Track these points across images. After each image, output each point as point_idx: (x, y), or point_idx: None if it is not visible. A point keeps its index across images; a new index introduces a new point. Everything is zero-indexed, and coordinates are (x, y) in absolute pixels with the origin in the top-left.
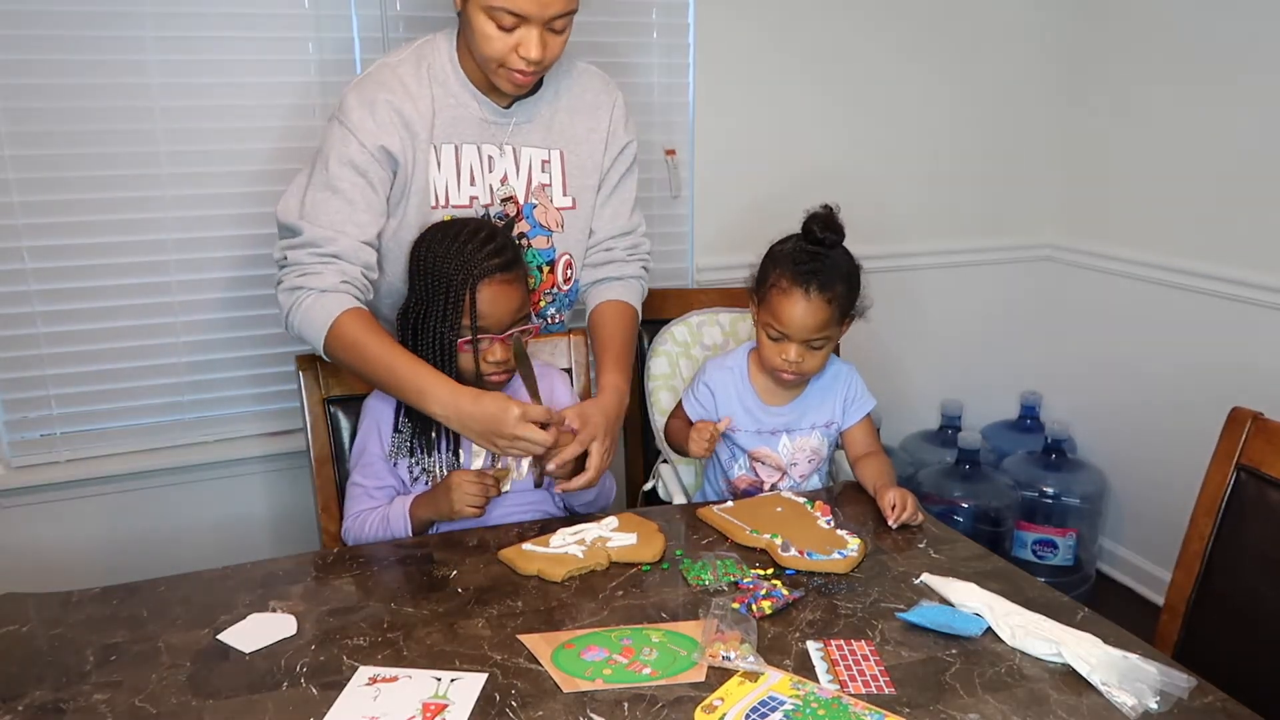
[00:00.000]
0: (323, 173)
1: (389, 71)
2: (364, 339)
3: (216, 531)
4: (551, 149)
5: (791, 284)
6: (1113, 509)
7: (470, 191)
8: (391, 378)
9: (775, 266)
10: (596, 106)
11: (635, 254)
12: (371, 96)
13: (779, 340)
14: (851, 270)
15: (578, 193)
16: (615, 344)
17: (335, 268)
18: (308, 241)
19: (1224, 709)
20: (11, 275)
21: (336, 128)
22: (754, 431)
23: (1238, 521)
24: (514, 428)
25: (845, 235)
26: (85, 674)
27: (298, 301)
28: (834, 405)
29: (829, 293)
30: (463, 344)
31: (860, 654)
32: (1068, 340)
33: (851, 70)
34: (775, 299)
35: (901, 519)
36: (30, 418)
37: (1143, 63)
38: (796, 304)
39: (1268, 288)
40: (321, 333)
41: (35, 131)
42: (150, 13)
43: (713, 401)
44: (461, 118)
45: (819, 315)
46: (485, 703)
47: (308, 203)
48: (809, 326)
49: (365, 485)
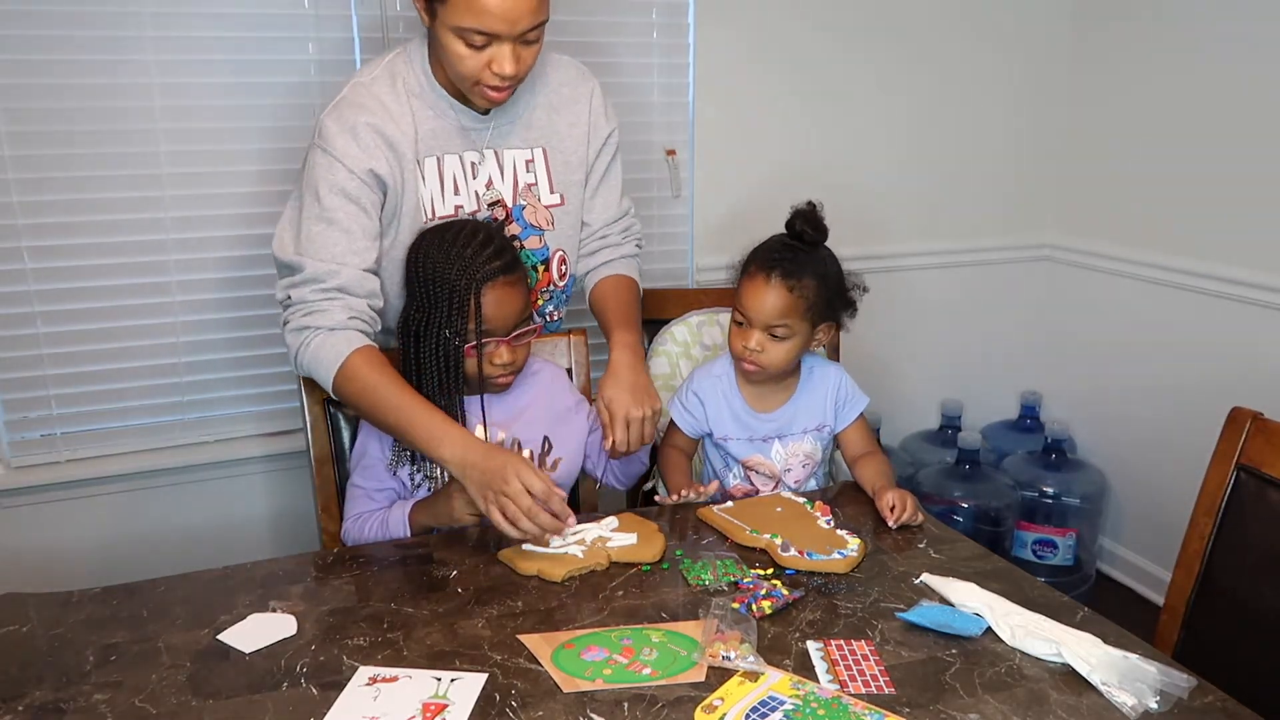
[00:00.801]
0: (314, 205)
1: (365, 92)
2: (375, 380)
3: (216, 531)
4: (534, 147)
5: (757, 270)
6: (1113, 509)
7: (455, 201)
8: (401, 421)
9: (752, 259)
10: (575, 100)
11: (629, 235)
12: (352, 121)
13: (742, 326)
14: (828, 271)
15: (565, 188)
16: (621, 307)
17: (341, 303)
18: (310, 278)
19: (1224, 709)
20: (11, 275)
21: (320, 156)
22: (746, 440)
23: (1238, 521)
24: (509, 485)
25: (828, 234)
26: (85, 674)
27: (306, 341)
28: (825, 407)
29: (792, 280)
30: (468, 349)
31: (860, 654)
32: (1068, 340)
33: (852, 70)
34: (743, 285)
35: (901, 520)
36: (30, 418)
37: (1143, 63)
38: (758, 288)
39: (1268, 288)
40: (331, 372)
41: (35, 131)
42: (150, 13)
43: (702, 410)
44: (441, 129)
45: (780, 301)
46: (485, 703)
47: (304, 237)
48: (766, 311)
49: (365, 488)
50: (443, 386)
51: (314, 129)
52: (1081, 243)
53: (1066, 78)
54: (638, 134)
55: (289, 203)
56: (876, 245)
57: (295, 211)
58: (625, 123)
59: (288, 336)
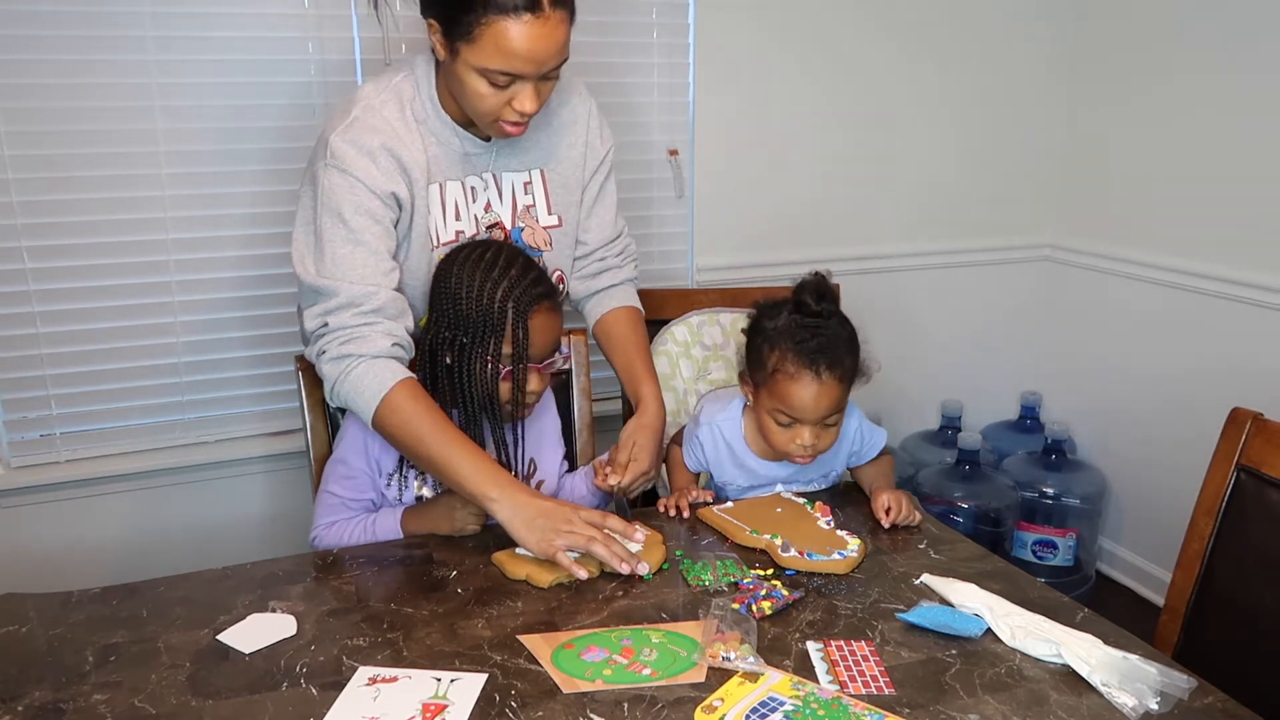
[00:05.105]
0: (340, 227)
1: (376, 115)
2: (418, 415)
3: (216, 531)
4: (531, 169)
5: (799, 367)
6: (1113, 509)
7: (456, 226)
8: (448, 461)
9: (774, 348)
10: (574, 121)
11: (626, 256)
12: (368, 144)
13: (790, 426)
14: (852, 336)
15: (563, 210)
16: (642, 353)
17: (381, 328)
18: (348, 302)
19: (1224, 709)
20: (11, 275)
21: (339, 177)
22: (748, 486)
23: (1238, 522)
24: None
25: (840, 301)
26: (85, 674)
27: (347, 370)
28: (839, 458)
29: (839, 369)
30: (506, 374)
31: (860, 654)
32: (1068, 340)
33: (852, 70)
34: (782, 385)
35: (896, 521)
36: (30, 418)
37: (1143, 63)
38: (807, 388)
39: (1268, 288)
40: (373, 403)
41: (35, 131)
42: (150, 13)
43: (704, 455)
44: (444, 155)
45: (833, 395)
46: (485, 703)
47: (331, 260)
48: (824, 408)
49: (343, 497)
50: (475, 412)
51: (322, 148)
52: (1081, 243)
53: (1067, 78)
54: (638, 134)
55: (299, 224)
56: (877, 245)
57: (311, 233)
58: (625, 123)
59: (325, 366)
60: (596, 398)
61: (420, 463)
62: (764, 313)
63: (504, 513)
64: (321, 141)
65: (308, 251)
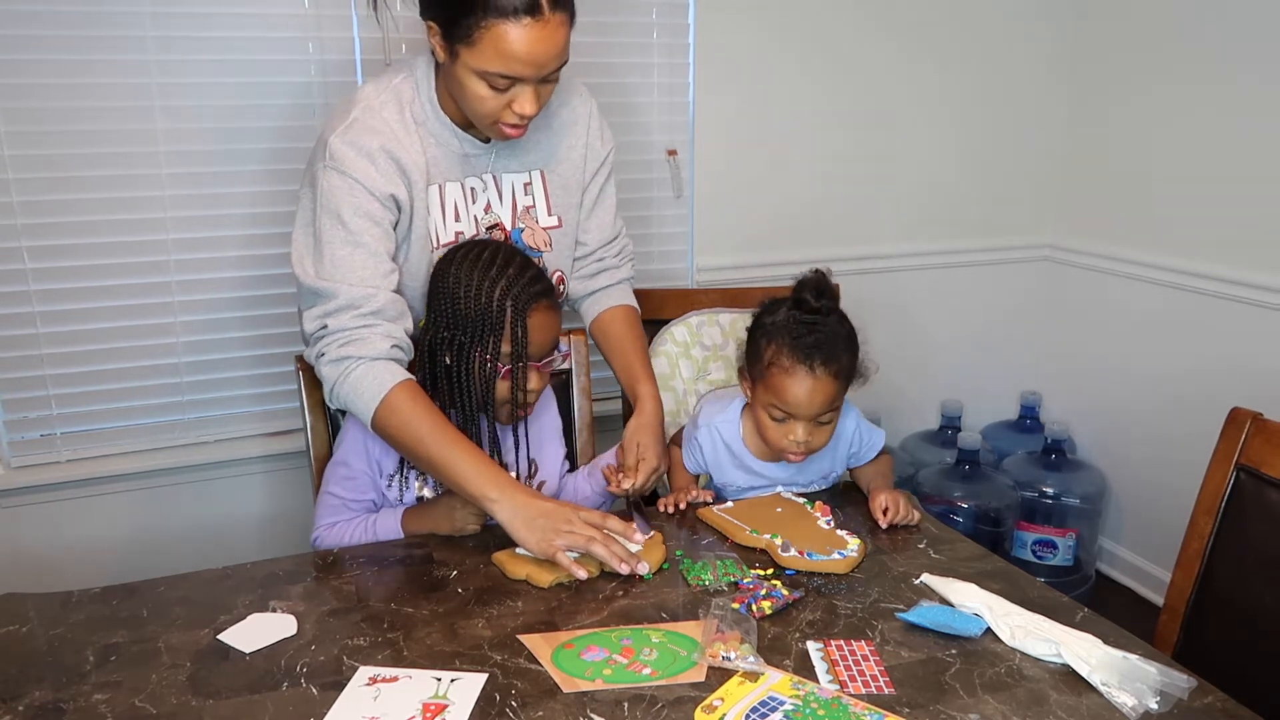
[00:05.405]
0: (339, 228)
1: (375, 117)
2: (418, 417)
3: (216, 531)
4: (531, 170)
5: (794, 361)
6: (1113, 509)
7: (456, 227)
8: (448, 462)
9: (770, 342)
10: (574, 122)
11: (623, 256)
12: (368, 145)
13: (784, 421)
14: (851, 334)
15: (563, 211)
16: (639, 351)
17: (380, 330)
18: (347, 304)
19: (1224, 709)
20: (11, 275)
21: (338, 179)
22: (748, 487)
23: (1237, 522)
24: (571, 520)
25: (840, 299)
26: (85, 674)
27: (346, 372)
28: (838, 458)
29: (834, 365)
30: (505, 373)
31: (860, 654)
32: (1068, 340)
33: (851, 70)
34: (777, 379)
35: (894, 521)
36: (30, 418)
37: (1143, 63)
38: (801, 382)
39: (1268, 288)
40: (372, 405)
41: (35, 131)
42: (150, 13)
43: (703, 457)
44: (444, 157)
45: (827, 391)
46: (485, 703)
47: (330, 261)
48: (817, 404)
49: (344, 498)
50: (473, 411)
51: (321, 149)
52: (1081, 243)
53: (1067, 78)
54: (638, 134)
55: (298, 225)
56: (876, 245)
57: (311, 235)
58: (625, 123)
59: (324, 369)
60: (597, 397)
61: (420, 464)
62: (765, 309)
63: (504, 513)
64: (321, 143)
65: (307, 253)
